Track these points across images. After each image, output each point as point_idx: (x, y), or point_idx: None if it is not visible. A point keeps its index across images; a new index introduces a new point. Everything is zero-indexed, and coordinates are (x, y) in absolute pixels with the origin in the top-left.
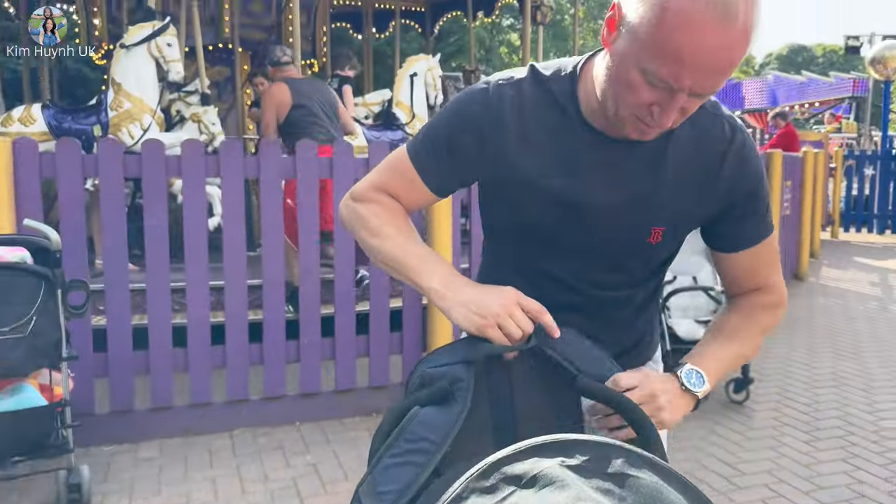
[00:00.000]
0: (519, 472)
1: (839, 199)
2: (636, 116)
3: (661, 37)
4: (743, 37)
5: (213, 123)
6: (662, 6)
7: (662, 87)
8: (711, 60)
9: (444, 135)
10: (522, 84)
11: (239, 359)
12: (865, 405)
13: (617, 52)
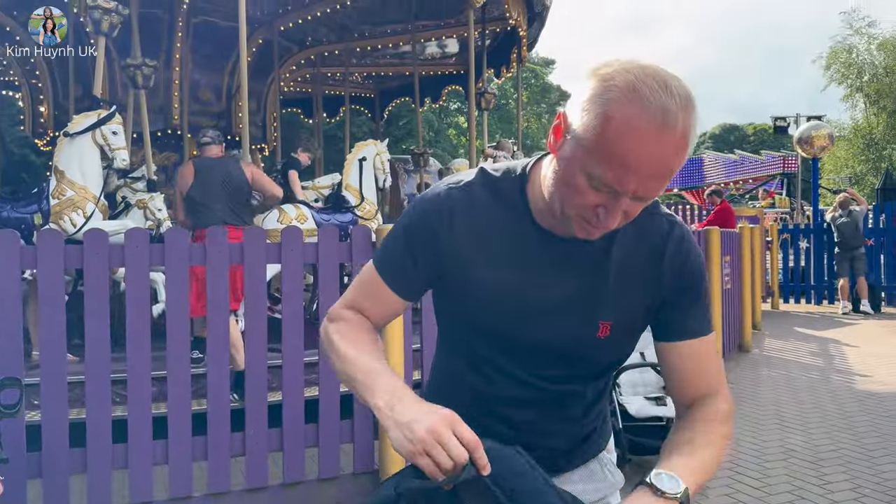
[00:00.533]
0: None
1: (777, 271)
2: (582, 217)
3: (606, 144)
4: (682, 142)
5: (160, 210)
6: (606, 115)
7: (607, 190)
8: (653, 166)
9: (402, 239)
10: (472, 186)
11: (182, 452)
12: (815, 478)
13: (563, 157)
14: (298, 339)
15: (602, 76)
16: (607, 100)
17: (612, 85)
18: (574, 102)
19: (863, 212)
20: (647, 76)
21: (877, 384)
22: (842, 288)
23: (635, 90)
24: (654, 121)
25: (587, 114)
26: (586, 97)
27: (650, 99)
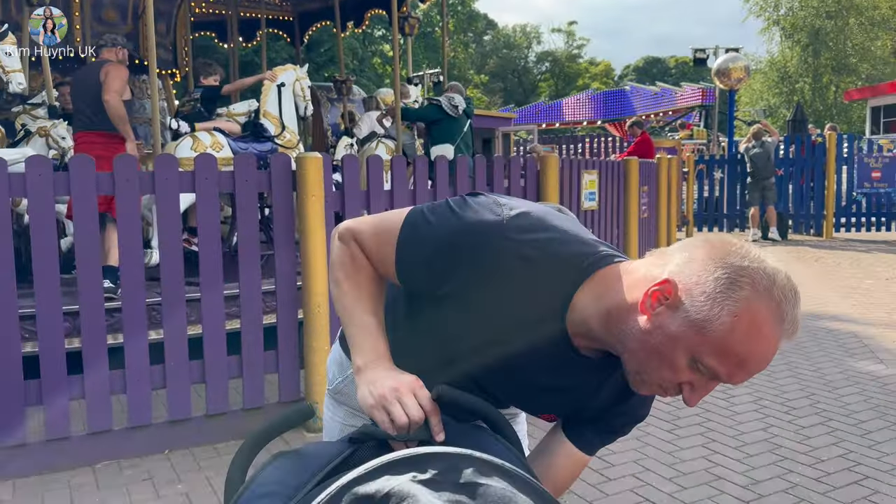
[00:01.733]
0: (371, 492)
1: (692, 200)
2: (660, 387)
3: (731, 343)
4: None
5: (63, 137)
6: (740, 316)
7: (709, 376)
8: (764, 365)
9: (439, 246)
10: (531, 260)
11: (99, 387)
12: (721, 394)
13: (665, 329)
14: (217, 271)
15: (737, 270)
16: (743, 299)
17: (748, 284)
18: (691, 279)
19: (774, 143)
20: (784, 284)
21: None
22: (752, 216)
23: (773, 298)
24: (784, 331)
25: (718, 306)
26: (717, 287)
27: (786, 311)
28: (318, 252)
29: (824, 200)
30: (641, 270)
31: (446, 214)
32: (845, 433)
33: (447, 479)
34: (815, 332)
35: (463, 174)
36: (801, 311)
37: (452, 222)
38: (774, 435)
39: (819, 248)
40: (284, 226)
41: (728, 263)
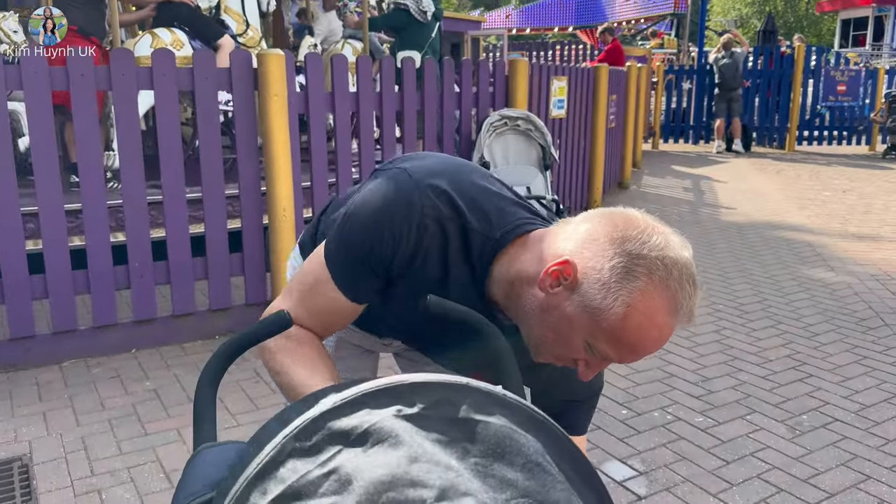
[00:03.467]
0: (346, 428)
1: (660, 112)
2: (557, 359)
3: (624, 332)
4: None
5: (15, 31)
6: (632, 307)
7: (602, 358)
8: (655, 349)
9: (360, 253)
10: (447, 226)
11: (62, 287)
12: None
13: (562, 310)
14: (178, 170)
15: (634, 258)
16: (637, 290)
17: (644, 274)
18: (589, 262)
19: (743, 53)
20: (682, 274)
21: (739, 216)
22: (718, 128)
23: (669, 289)
24: (678, 320)
25: (612, 295)
26: (612, 275)
27: (681, 302)
28: (282, 155)
29: (789, 113)
30: (546, 242)
31: (354, 218)
32: (793, 335)
33: (438, 415)
34: (770, 241)
35: (431, 79)
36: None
37: (364, 217)
38: (726, 337)
39: (781, 160)
40: (246, 127)
41: (626, 251)
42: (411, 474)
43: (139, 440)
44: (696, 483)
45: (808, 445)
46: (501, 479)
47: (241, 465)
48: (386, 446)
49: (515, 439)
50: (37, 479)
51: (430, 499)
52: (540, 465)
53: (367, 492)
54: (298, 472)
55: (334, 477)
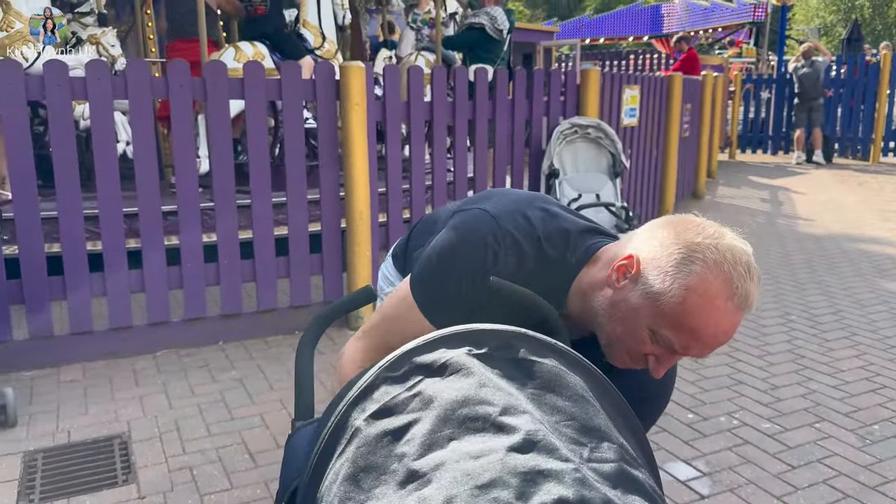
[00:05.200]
0: (427, 361)
1: (737, 121)
2: (629, 357)
3: (683, 315)
4: (743, 318)
5: (113, 45)
6: (690, 289)
7: (668, 348)
8: (720, 339)
9: (450, 279)
10: (525, 257)
11: (158, 282)
12: None
13: (629, 303)
14: (265, 176)
15: (690, 246)
16: (694, 273)
17: (700, 259)
18: (647, 251)
19: (825, 63)
20: (736, 259)
21: (818, 227)
22: (797, 138)
23: (724, 272)
24: (735, 304)
25: (669, 279)
26: (670, 261)
27: (737, 284)
28: (360, 162)
29: (873, 123)
30: (612, 250)
31: (437, 256)
32: (868, 346)
33: (501, 356)
34: (849, 252)
35: (502, 90)
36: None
37: (445, 255)
38: (798, 347)
39: (864, 172)
40: (328, 135)
41: (683, 240)
42: (480, 395)
43: (226, 424)
44: (760, 485)
45: (879, 454)
46: (552, 406)
47: (339, 397)
48: (459, 375)
49: (564, 377)
50: (135, 454)
51: (495, 413)
52: (584, 398)
53: (445, 408)
54: (390, 395)
55: (419, 398)
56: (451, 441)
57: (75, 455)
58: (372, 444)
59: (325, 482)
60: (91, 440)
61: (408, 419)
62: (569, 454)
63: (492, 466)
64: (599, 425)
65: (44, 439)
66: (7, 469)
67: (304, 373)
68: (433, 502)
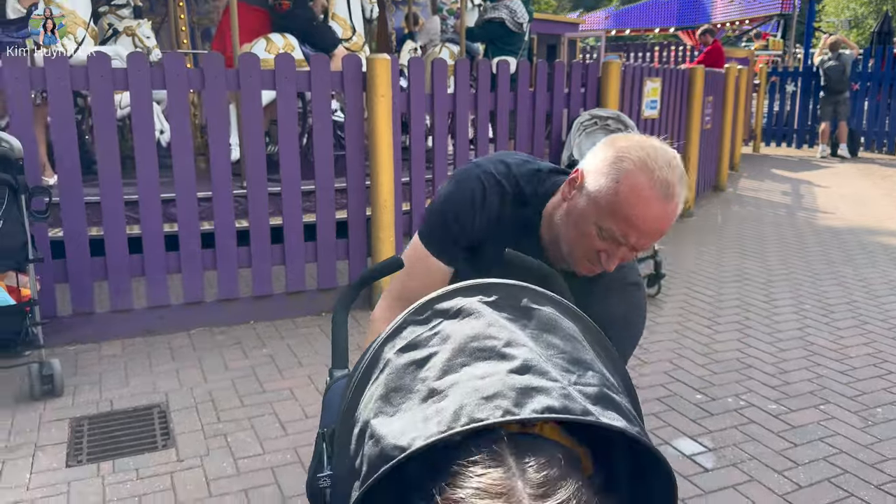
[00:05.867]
0: (446, 307)
1: (762, 114)
2: (587, 258)
3: (618, 205)
4: (675, 210)
5: (148, 37)
6: (620, 181)
7: (612, 240)
8: (651, 225)
9: (446, 215)
10: (504, 190)
11: (193, 264)
12: (763, 296)
13: (577, 208)
14: (295, 165)
15: (619, 148)
16: (622, 169)
17: (627, 157)
18: (590, 164)
19: (851, 56)
20: (658, 156)
21: (837, 220)
22: (822, 132)
23: (647, 166)
24: (659, 192)
25: (604, 177)
26: (604, 163)
27: (658, 175)
28: (385, 152)
29: None
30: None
31: (438, 201)
32: (878, 335)
33: (507, 303)
34: (867, 245)
35: (524, 82)
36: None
37: (444, 195)
38: (808, 334)
39: (889, 166)
40: (355, 126)
41: (615, 147)
42: (488, 332)
43: (258, 396)
44: (763, 461)
45: (879, 435)
46: (547, 342)
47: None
48: (472, 318)
49: (559, 321)
50: (173, 422)
51: (499, 345)
52: (575, 338)
53: (459, 342)
54: (415, 333)
55: (439, 335)
56: (464, 367)
57: (118, 422)
58: (400, 371)
59: (362, 402)
60: (132, 409)
61: (429, 352)
62: (558, 377)
63: (495, 383)
64: (586, 359)
65: (88, 407)
66: (56, 433)
67: (339, 329)
68: (448, 410)
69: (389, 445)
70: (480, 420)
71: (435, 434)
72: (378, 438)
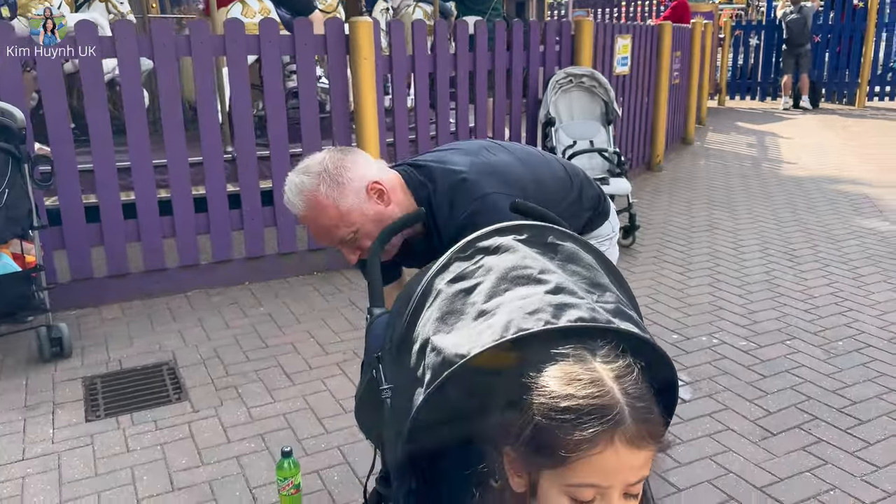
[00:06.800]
0: (486, 245)
1: (726, 68)
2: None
3: None
4: (310, 217)
5: (121, 3)
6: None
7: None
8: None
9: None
10: None
11: (187, 228)
12: (731, 244)
13: None
14: (283, 128)
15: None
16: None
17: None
18: None
19: (813, 9)
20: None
21: (801, 170)
22: (785, 84)
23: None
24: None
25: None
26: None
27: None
28: (370, 114)
29: (860, 68)
30: None
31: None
32: (839, 276)
33: (536, 240)
34: (829, 193)
35: (501, 41)
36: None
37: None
38: (775, 278)
39: (849, 116)
40: (339, 89)
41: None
42: (524, 263)
43: (262, 351)
44: (735, 392)
45: (840, 365)
46: (572, 270)
47: (409, 287)
48: (509, 253)
49: (579, 254)
50: (183, 377)
51: (535, 273)
52: (594, 267)
53: (501, 272)
54: (461, 267)
55: (482, 268)
56: (507, 291)
57: (129, 379)
58: (452, 298)
59: (419, 325)
60: (141, 367)
61: (475, 281)
62: (584, 296)
63: (535, 301)
64: (604, 283)
65: (98, 367)
66: (71, 391)
67: (373, 272)
68: (498, 324)
69: (451, 354)
70: (526, 329)
71: (490, 342)
72: (439, 350)
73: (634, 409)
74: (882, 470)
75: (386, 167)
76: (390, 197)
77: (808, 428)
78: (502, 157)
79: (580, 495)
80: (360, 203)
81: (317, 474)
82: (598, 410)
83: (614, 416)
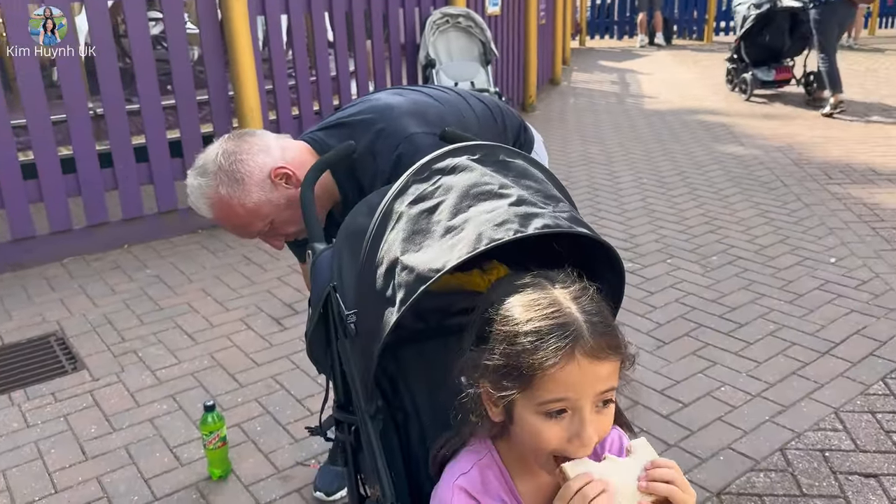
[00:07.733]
0: (442, 166)
1: (586, 8)
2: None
3: None
4: (216, 214)
5: None
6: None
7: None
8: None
9: None
10: None
11: (56, 191)
12: (607, 175)
13: None
14: (152, 79)
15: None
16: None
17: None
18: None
19: None
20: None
21: (661, 103)
22: (640, 22)
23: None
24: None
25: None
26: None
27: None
28: (246, 58)
29: (707, 5)
30: None
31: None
32: (707, 199)
33: (489, 159)
34: (689, 123)
35: None
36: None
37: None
38: (650, 204)
39: (700, 51)
40: (211, 32)
41: None
42: (483, 180)
43: (156, 314)
44: (627, 308)
45: (716, 277)
46: (526, 185)
47: (381, 193)
48: (466, 171)
49: (529, 169)
50: (75, 347)
51: (495, 188)
52: (544, 181)
53: (461, 190)
54: (420, 189)
55: (442, 188)
56: (471, 207)
57: (14, 354)
58: (415, 218)
59: (381, 249)
60: (26, 340)
61: (437, 201)
62: (543, 206)
63: (502, 213)
64: (556, 195)
65: None
66: None
67: (308, 207)
68: (468, 237)
69: (425, 269)
70: (498, 239)
71: (465, 254)
72: (411, 268)
73: (592, 325)
74: (763, 364)
75: (290, 141)
76: (299, 177)
77: (695, 335)
78: (416, 97)
79: (553, 410)
80: (266, 194)
81: (238, 427)
82: (558, 329)
83: (573, 331)
